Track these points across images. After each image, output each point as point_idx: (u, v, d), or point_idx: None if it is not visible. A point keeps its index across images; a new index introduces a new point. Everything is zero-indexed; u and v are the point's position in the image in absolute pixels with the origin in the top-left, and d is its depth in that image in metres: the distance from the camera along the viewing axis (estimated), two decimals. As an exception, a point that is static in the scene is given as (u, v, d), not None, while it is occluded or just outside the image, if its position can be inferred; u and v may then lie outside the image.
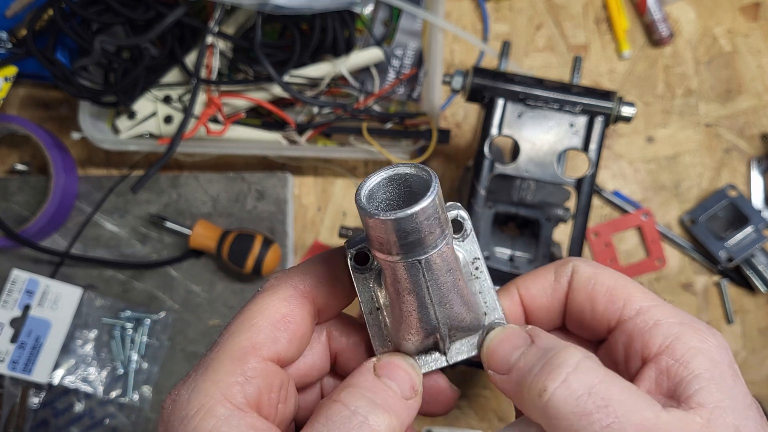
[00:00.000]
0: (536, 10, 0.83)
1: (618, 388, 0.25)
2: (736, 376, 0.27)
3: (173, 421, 0.26)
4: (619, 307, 0.30)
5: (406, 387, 0.29)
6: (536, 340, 0.29)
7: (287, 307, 0.29)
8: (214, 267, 0.77)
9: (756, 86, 0.80)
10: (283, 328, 0.28)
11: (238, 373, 0.26)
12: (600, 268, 0.31)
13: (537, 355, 0.27)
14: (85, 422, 0.74)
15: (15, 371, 0.72)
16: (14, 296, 0.73)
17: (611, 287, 0.30)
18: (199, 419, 0.25)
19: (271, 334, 0.28)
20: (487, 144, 0.58)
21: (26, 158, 0.82)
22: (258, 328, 0.28)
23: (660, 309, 0.29)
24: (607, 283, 0.30)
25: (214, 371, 0.26)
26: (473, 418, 0.75)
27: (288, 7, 0.65)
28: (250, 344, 0.27)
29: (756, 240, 0.75)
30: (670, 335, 0.28)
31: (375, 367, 0.29)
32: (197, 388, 0.26)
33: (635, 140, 0.80)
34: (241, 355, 0.27)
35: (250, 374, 0.27)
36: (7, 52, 0.72)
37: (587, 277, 0.31)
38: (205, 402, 0.25)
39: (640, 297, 0.30)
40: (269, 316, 0.28)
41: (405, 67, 0.77)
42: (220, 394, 0.26)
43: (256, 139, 0.74)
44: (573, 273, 0.31)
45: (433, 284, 0.27)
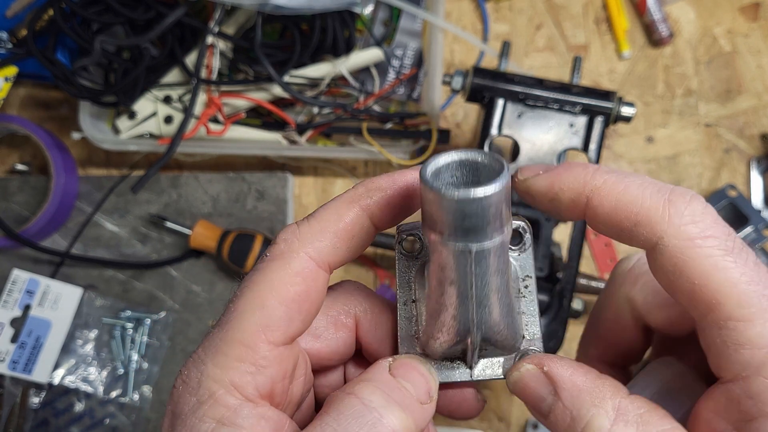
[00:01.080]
0: (536, 10, 0.83)
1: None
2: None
3: (182, 404, 0.24)
4: (701, 313, 0.23)
5: (422, 391, 0.27)
6: (560, 393, 0.25)
7: (302, 283, 0.25)
8: (215, 267, 0.77)
9: (756, 86, 0.80)
10: (297, 309, 0.25)
11: (249, 362, 0.24)
12: (693, 243, 0.23)
13: (565, 420, 0.24)
14: (86, 422, 0.74)
15: (15, 371, 0.72)
16: (14, 296, 0.73)
17: (697, 284, 0.23)
18: (208, 407, 0.24)
19: (284, 315, 0.25)
20: (487, 144, 0.58)
21: (26, 158, 0.82)
22: (269, 310, 0.25)
23: (752, 327, 0.22)
24: (692, 276, 0.22)
25: (224, 355, 0.24)
26: (473, 418, 0.75)
27: (288, 7, 0.65)
28: (261, 328, 0.25)
29: (756, 240, 0.75)
30: (752, 366, 0.22)
31: (390, 366, 0.27)
32: (206, 372, 0.24)
33: (635, 140, 0.80)
34: (251, 341, 0.24)
35: (261, 363, 0.24)
36: (8, 52, 0.72)
37: (671, 263, 0.23)
38: (215, 390, 0.24)
39: (729, 306, 0.22)
40: (281, 294, 0.25)
41: (405, 67, 0.77)
42: (229, 383, 0.24)
43: (256, 139, 0.74)
44: (658, 252, 0.24)
45: (478, 280, 0.24)
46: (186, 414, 0.24)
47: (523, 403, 0.28)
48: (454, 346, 0.28)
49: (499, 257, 0.24)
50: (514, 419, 0.75)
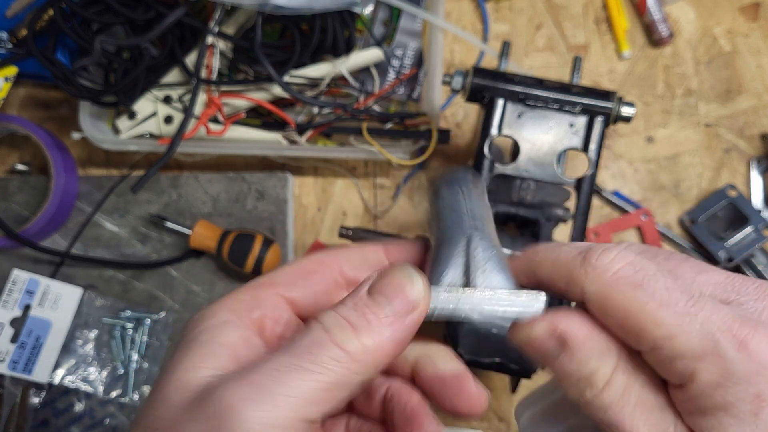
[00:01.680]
0: (536, 10, 0.83)
1: (633, 400, 0.26)
2: (762, 408, 0.24)
3: (187, 325, 0.28)
4: (633, 341, 0.26)
5: (402, 302, 0.27)
6: (569, 345, 0.27)
7: (316, 265, 0.30)
8: (215, 267, 0.77)
9: (756, 86, 0.80)
10: (303, 277, 0.30)
11: (249, 296, 0.29)
12: (609, 289, 0.26)
13: (571, 367, 0.27)
14: (86, 422, 0.74)
15: (15, 371, 0.72)
16: (14, 296, 0.73)
17: (621, 321, 0.26)
18: (201, 320, 0.28)
19: (290, 278, 0.30)
20: (487, 144, 0.58)
21: (26, 158, 0.82)
22: (281, 271, 0.30)
23: (677, 342, 0.25)
24: (616, 316, 0.26)
25: (229, 296, 0.29)
26: (473, 418, 0.75)
27: (288, 7, 0.65)
28: (269, 281, 0.29)
29: (756, 240, 0.75)
30: (686, 373, 0.24)
31: (372, 282, 0.27)
32: (210, 306, 0.29)
33: (635, 140, 0.80)
34: (256, 285, 0.29)
35: (259, 298, 0.29)
36: (8, 52, 0.72)
37: (597, 309, 0.27)
38: (212, 312, 0.28)
39: (652, 328, 0.25)
40: (296, 267, 0.30)
41: (405, 67, 0.77)
42: (226, 309, 0.28)
43: (256, 139, 0.74)
44: (585, 301, 0.27)
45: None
46: (188, 329, 0.28)
47: None
48: (455, 266, 0.31)
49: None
50: (513, 419, 0.75)
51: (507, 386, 0.70)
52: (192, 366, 0.26)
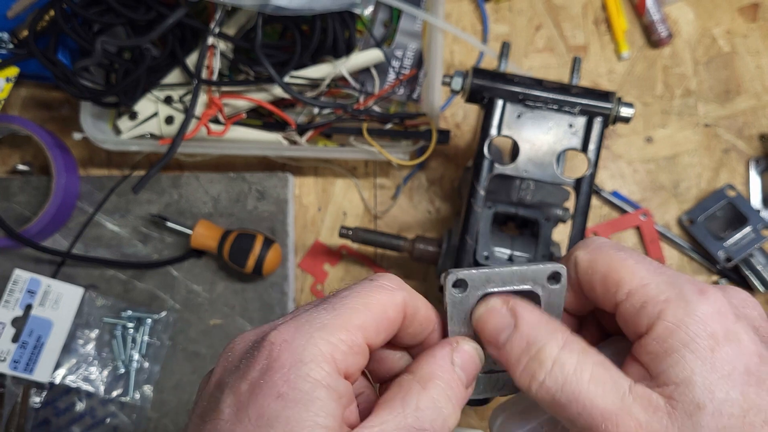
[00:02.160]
0: (536, 11, 0.83)
1: (587, 376, 0.28)
2: (717, 344, 0.27)
3: (284, 360, 0.28)
4: (613, 293, 0.30)
5: (471, 376, 0.32)
6: (519, 324, 0.31)
7: (395, 312, 0.31)
8: (215, 267, 0.77)
9: (755, 86, 0.81)
10: (385, 328, 0.31)
11: (347, 343, 0.29)
12: (596, 251, 0.32)
13: (521, 347, 0.30)
14: (87, 421, 0.75)
15: (16, 371, 0.72)
16: (16, 296, 0.73)
17: (604, 273, 0.31)
18: (313, 366, 0.28)
19: (376, 328, 0.30)
20: (487, 144, 0.59)
21: (28, 158, 0.82)
22: (371, 317, 0.30)
23: (649, 288, 0.29)
24: (601, 270, 0.31)
25: (329, 333, 0.29)
26: (473, 418, 0.76)
27: (289, 8, 0.65)
28: (362, 326, 0.30)
29: (755, 240, 0.75)
30: (654, 315, 0.29)
31: (453, 354, 0.32)
32: (312, 340, 0.28)
33: (634, 140, 0.80)
34: (354, 329, 0.29)
35: (355, 349, 0.29)
36: (9, 52, 0.72)
37: (585, 269, 0.32)
38: (318, 355, 0.28)
39: (629, 278, 0.30)
40: (383, 312, 0.31)
41: (405, 68, 0.77)
42: (330, 354, 0.28)
43: (256, 140, 0.75)
44: (576, 266, 0.32)
45: None
46: (286, 368, 0.28)
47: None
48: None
49: None
50: (513, 418, 0.75)
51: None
52: (322, 429, 0.27)
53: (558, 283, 0.33)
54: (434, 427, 0.29)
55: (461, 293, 0.33)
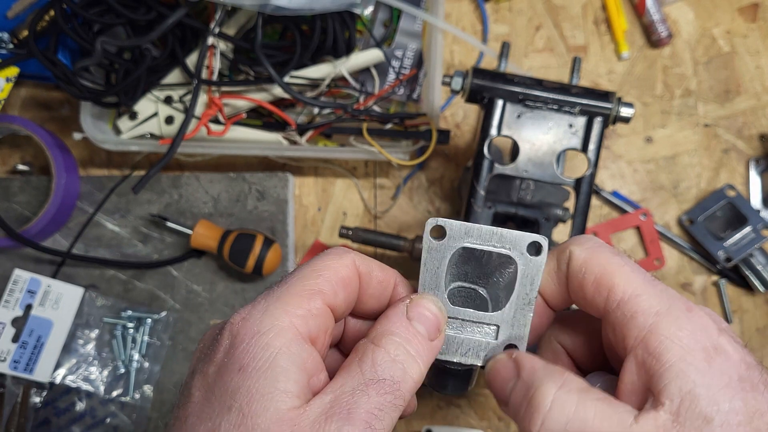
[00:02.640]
0: (535, 11, 0.83)
1: (592, 413, 0.28)
2: (710, 357, 0.28)
3: (243, 334, 0.29)
4: (603, 298, 0.31)
5: (433, 329, 0.32)
6: (521, 373, 0.31)
7: (347, 272, 0.32)
8: (215, 267, 0.77)
9: (755, 87, 0.81)
10: (342, 287, 0.32)
11: (305, 308, 0.30)
12: (593, 252, 0.32)
13: (521, 393, 0.30)
14: (87, 421, 0.75)
15: (17, 371, 0.72)
16: (16, 296, 0.73)
17: (598, 276, 0.31)
18: (272, 336, 0.29)
19: (333, 288, 0.32)
20: (487, 144, 0.59)
21: (28, 159, 0.82)
22: (325, 279, 0.32)
23: (641, 299, 0.30)
24: (595, 272, 0.31)
25: (285, 302, 0.30)
26: (473, 418, 0.76)
27: (288, 8, 0.65)
28: (318, 289, 0.31)
29: (754, 240, 0.75)
30: (645, 327, 0.29)
31: (407, 309, 0.32)
32: (269, 312, 0.30)
33: (634, 140, 0.80)
34: (309, 295, 0.31)
35: (314, 312, 0.30)
36: (9, 52, 0.72)
37: (579, 266, 0.32)
38: (277, 324, 0.29)
39: (623, 286, 0.30)
40: (335, 273, 0.32)
41: (405, 68, 0.77)
42: (289, 321, 0.29)
43: (256, 140, 0.75)
44: (569, 260, 0.33)
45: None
46: (247, 341, 0.29)
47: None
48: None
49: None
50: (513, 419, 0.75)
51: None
52: (283, 393, 0.28)
53: (538, 255, 0.32)
54: (393, 376, 0.29)
55: (438, 241, 0.33)
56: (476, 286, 0.35)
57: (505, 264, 0.33)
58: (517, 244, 0.32)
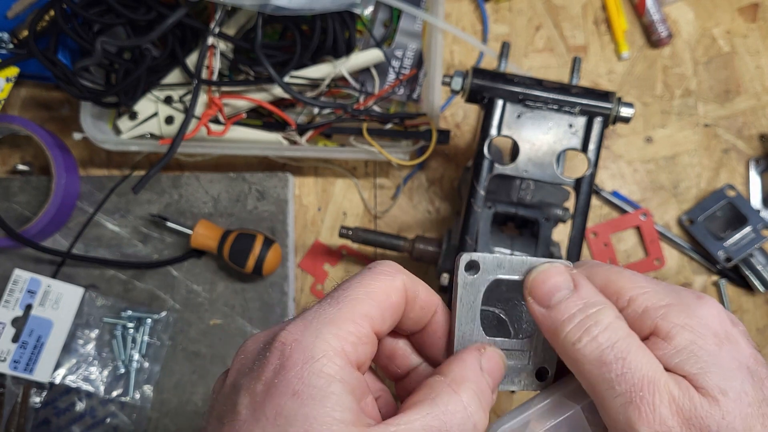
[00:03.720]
0: (535, 11, 0.83)
1: (635, 347, 0.30)
2: (721, 342, 0.30)
3: (296, 358, 0.28)
4: (613, 301, 0.32)
5: (497, 383, 0.33)
6: (579, 289, 0.32)
7: (398, 297, 0.32)
8: (215, 267, 0.77)
9: (755, 87, 0.81)
10: (390, 314, 0.32)
11: (355, 334, 0.30)
12: (594, 268, 0.34)
13: (577, 306, 0.31)
14: (87, 421, 0.75)
15: (17, 371, 0.72)
16: (16, 296, 0.73)
17: (603, 284, 0.33)
18: (325, 362, 0.28)
19: (382, 314, 0.31)
20: (487, 144, 0.59)
21: (28, 159, 0.82)
22: (375, 305, 0.31)
23: (649, 295, 0.32)
24: (599, 282, 0.33)
25: (337, 326, 0.29)
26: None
27: (288, 8, 0.65)
28: (368, 315, 0.31)
29: (754, 240, 0.75)
30: (656, 317, 0.31)
31: (481, 359, 0.32)
32: (321, 336, 0.29)
33: (634, 140, 0.80)
34: (360, 320, 0.30)
35: (363, 339, 0.30)
36: (9, 52, 0.72)
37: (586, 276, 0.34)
38: (329, 350, 0.29)
39: (630, 287, 0.32)
40: (386, 298, 0.31)
41: (405, 68, 0.77)
42: (340, 347, 0.29)
43: (256, 140, 0.75)
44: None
45: None
46: (300, 365, 0.28)
47: (519, 402, 0.34)
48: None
49: None
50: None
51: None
52: (339, 423, 0.27)
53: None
54: (462, 427, 0.29)
55: (473, 275, 0.33)
56: (495, 309, 0.36)
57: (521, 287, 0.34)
58: None
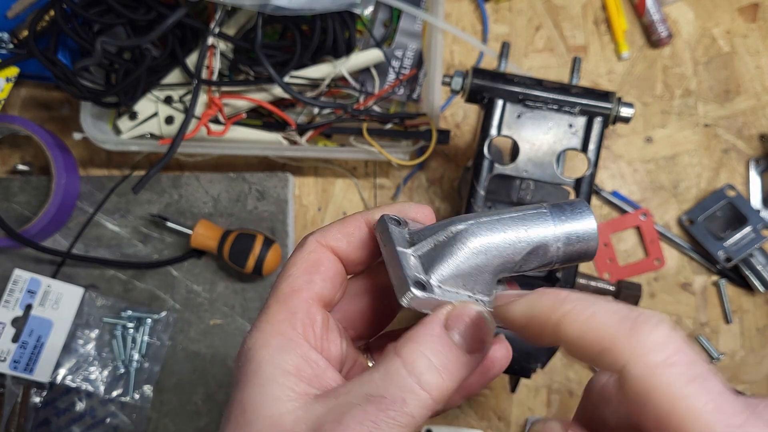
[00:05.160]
0: (535, 11, 0.83)
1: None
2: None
3: (240, 355, 0.30)
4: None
5: (473, 341, 0.29)
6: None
7: (315, 255, 0.33)
8: (215, 267, 0.77)
9: (754, 86, 0.81)
10: (314, 271, 0.32)
11: (283, 311, 0.31)
12: (659, 374, 0.22)
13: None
14: (87, 421, 0.75)
15: (17, 371, 0.72)
16: (16, 296, 0.74)
17: (666, 413, 0.22)
18: (257, 350, 0.30)
19: (306, 278, 0.32)
20: (487, 144, 0.59)
21: (28, 159, 0.82)
22: (294, 277, 0.32)
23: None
24: (662, 407, 0.22)
25: (266, 314, 0.31)
26: (473, 418, 0.76)
27: (288, 8, 0.65)
28: (290, 289, 0.32)
29: (754, 240, 0.75)
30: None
31: (448, 318, 0.29)
32: (255, 329, 0.31)
33: (634, 140, 0.80)
34: (283, 298, 0.31)
35: (292, 311, 0.31)
36: (9, 52, 0.72)
37: (636, 392, 0.23)
38: (260, 337, 0.30)
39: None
40: (301, 265, 0.32)
41: (405, 68, 0.77)
42: (272, 330, 0.30)
43: (256, 140, 0.75)
44: (623, 378, 0.23)
45: None
46: (242, 359, 0.30)
47: (521, 403, 0.30)
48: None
49: None
50: (513, 418, 0.75)
51: (506, 386, 0.70)
52: (272, 399, 0.28)
53: None
54: (395, 395, 0.27)
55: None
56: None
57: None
58: None
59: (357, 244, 0.33)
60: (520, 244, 0.31)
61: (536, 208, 0.32)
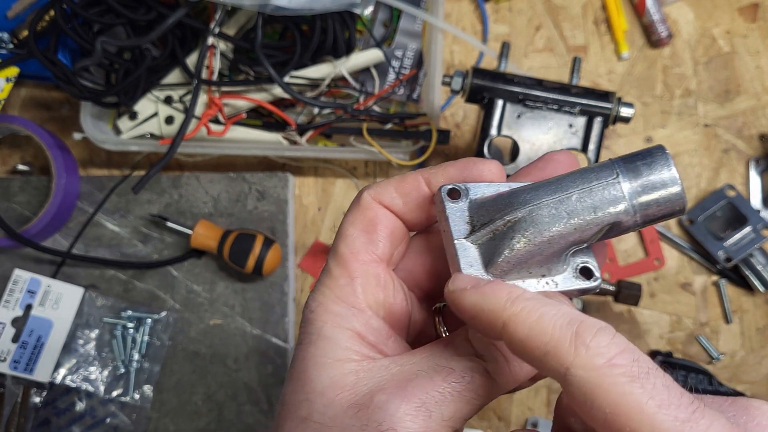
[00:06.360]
0: (535, 11, 0.83)
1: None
2: None
3: (304, 323, 0.30)
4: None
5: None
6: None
7: (371, 212, 0.31)
8: (215, 267, 0.77)
9: (754, 87, 0.81)
10: (372, 230, 0.31)
11: (344, 275, 0.30)
12: (602, 375, 0.22)
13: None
14: (87, 421, 0.75)
15: (17, 371, 0.72)
16: (16, 296, 0.74)
17: (611, 413, 0.22)
18: (319, 314, 0.30)
19: (364, 239, 0.31)
20: (487, 144, 0.59)
21: (28, 159, 0.82)
22: (352, 237, 0.31)
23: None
24: (606, 407, 0.22)
25: (327, 276, 0.31)
26: (473, 417, 0.76)
27: (289, 8, 0.65)
28: (349, 251, 0.31)
29: (754, 240, 0.75)
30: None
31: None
32: (318, 291, 0.31)
33: (634, 140, 0.80)
34: (343, 261, 0.31)
35: (353, 275, 0.30)
36: (9, 52, 0.72)
37: (581, 394, 0.23)
38: (322, 302, 0.30)
39: (645, 429, 0.22)
40: (359, 224, 0.31)
41: (405, 68, 0.77)
42: (333, 295, 0.30)
43: (256, 140, 0.75)
44: (566, 382, 0.23)
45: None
46: (304, 324, 0.30)
47: (521, 403, 0.30)
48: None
49: None
50: (513, 418, 0.75)
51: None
52: (334, 360, 0.28)
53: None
54: (462, 369, 0.27)
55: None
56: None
57: None
58: None
59: (413, 206, 0.32)
60: (588, 227, 0.28)
61: (605, 175, 0.29)
